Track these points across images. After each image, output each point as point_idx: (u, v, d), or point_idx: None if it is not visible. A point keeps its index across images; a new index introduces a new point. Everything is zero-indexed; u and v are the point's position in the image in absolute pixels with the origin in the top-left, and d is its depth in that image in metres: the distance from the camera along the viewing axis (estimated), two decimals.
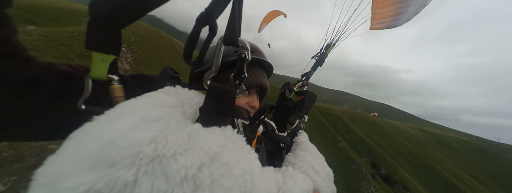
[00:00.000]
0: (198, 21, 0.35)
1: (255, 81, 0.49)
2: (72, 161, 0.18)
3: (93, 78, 0.31)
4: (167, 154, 0.20)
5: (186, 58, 0.39)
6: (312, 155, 0.47)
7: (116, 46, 0.31)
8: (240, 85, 0.39)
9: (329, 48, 0.89)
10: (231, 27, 0.34)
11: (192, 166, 0.21)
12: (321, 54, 0.88)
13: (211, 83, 0.31)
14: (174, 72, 0.45)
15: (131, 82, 0.40)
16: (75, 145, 0.20)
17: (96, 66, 0.31)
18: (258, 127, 0.40)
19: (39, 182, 0.17)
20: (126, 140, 0.19)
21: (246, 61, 0.37)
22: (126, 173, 0.18)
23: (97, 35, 0.29)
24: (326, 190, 0.40)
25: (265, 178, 0.30)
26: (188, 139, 0.23)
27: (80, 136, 0.21)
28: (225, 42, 0.36)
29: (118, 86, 0.33)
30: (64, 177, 0.17)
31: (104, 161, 0.18)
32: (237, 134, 0.29)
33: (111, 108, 0.26)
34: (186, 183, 0.20)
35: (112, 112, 0.25)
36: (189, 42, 0.37)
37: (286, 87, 0.82)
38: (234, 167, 0.25)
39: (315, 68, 0.87)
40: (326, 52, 0.88)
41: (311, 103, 0.58)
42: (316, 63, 0.87)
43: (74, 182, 0.16)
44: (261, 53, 0.53)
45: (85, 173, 0.17)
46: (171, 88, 0.34)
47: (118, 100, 0.33)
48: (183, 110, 0.31)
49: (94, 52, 0.30)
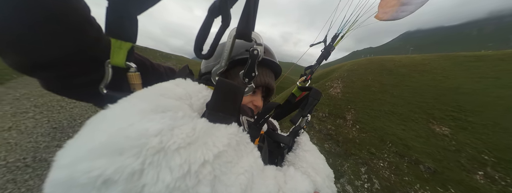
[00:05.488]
0: (211, 10, 0.33)
1: (262, 81, 0.49)
2: (88, 146, 0.19)
3: (112, 65, 0.32)
4: (172, 148, 0.20)
5: (197, 51, 0.37)
6: (313, 156, 0.47)
7: (133, 33, 0.32)
8: (250, 83, 0.38)
9: (336, 40, 0.82)
10: (245, 19, 0.32)
11: (196, 161, 0.21)
12: (327, 46, 0.80)
13: (219, 79, 0.30)
14: (190, 71, 0.46)
15: (163, 72, 0.42)
16: (90, 132, 0.21)
17: (114, 53, 0.32)
18: (263, 125, 0.40)
19: (59, 163, 0.19)
20: (135, 130, 0.20)
21: (258, 58, 0.35)
22: (134, 162, 0.19)
23: (114, 21, 0.29)
24: (326, 190, 0.40)
25: (266, 177, 0.30)
26: (193, 133, 0.23)
27: (95, 123, 0.22)
28: (237, 36, 0.34)
29: (135, 73, 0.34)
30: (80, 161, 0.18)
31: (115, 149, 0.19)
32: (242, 132, 0.29)
33: (129, 94, 0.27)
34: (189, 177, 0.20)
35: (124, 101, 0.25)
36: (201, 34, 0.35)
37: None
38: (236, 165, 0.25)
39: (320, 62, 0.81)
40: (333, 45, 0.81)
41: (315, 101, 0.55)
42: (322, 56, 0.81)
43: (88, 166, 0.18)
44: (271, 54, 0.52)
45: (97, 158, 0.18)
46: (181, 80, 0.34)
47: (136, 87, 0.34)
48: (190, 102, 0.31)
49: (112, 39, 0.31)
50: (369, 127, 5.08)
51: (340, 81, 7.65)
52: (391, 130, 4.82)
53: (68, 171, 0.18)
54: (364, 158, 4.24)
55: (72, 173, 0.18)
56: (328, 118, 5.78)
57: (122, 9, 0.29)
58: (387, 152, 4.28)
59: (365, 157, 4.27)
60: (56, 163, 0.19)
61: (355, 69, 8.76)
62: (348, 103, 6.11)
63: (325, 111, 5.99)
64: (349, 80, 7.63)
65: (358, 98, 6.28)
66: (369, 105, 5.88)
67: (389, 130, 4.82)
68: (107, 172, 0.18)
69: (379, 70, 8.34)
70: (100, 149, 0.19)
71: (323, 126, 5.53)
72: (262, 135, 0.48)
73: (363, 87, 6.97)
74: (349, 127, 5.29)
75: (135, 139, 0.19)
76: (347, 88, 7.05)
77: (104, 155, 0.18)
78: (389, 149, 4.33)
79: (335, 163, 4.48)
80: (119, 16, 0.29)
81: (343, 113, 5.72)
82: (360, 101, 6.14)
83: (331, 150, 4.86)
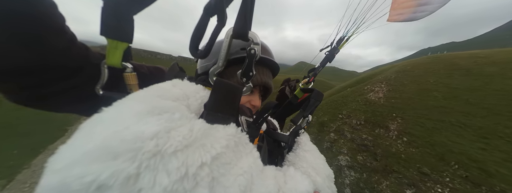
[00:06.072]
0: (206, 9, 0.33)
1: (260, 81, 0.49)
2: (81, 150, 0.19)
3: (108, 65, 0.32)
4: (169, 151, 0.20)
5: (193, 50, 0.37)
6: (313, 156, 0.46)
7: (129, 33, 0.31)
8: (247, 83, 0.39)
9: (341, 43, 0.83)
10: (242, 18, 0.32)
11: (193, 164, 0.21)
12: (332, 49, 0.82)
13: (217, 79, 0.30)
14: (180, 68, 0.46)
15: (146, 73, 0.42)
16: (84, 136, 0.21)
17: (110, 53, 0.31)
18: (262, 125, 0.40)
19: (52, 168, 0.18)
20: (130, 133, 0.20)
21: (255, 57, 0.35)
22: (129, 166, 0.18)
23: (110, 22, 0.29)
24: (327, 190, 0.40)
25: (266, 178, 0.30)
26: (190, 135, 0.23)
27: (89, 126, 0.22)
28: (234, 36, 0.34)
29: (132, 73, 0.34)
30: (73, 166, 0.18)
31: (109, 153, 0.18)
32: (240, 133, 0.29)
33: (126, 95, 0.27)
34: (186, 180, 0.20)
35: (120, 103, 0.25)
36: (196, 33, 0.35)
37: (286, 84, 0.81)
38: (235, 166, 0.25)
39: (324, 64, 0.82)
40: (338, 47, 0.82)
41: (317, 102, 0.55)
42: (326, 58, 0.82)
43: (82, 171, 0.17)
44: (269, 52, 0.51)
45: (91, 163, 0.18)
46: (178, 81, 0.34)
47: (132, 87, 0.34)
48: (188, 103, 0.30)
49: (108, 39, 0.31)
50: (422, 141, 4.02)
51: (385, 84, 6.47)
52: (460, 147, 3.62)
53: (60, 176, 0.17)
54: (412, 178, 3.38)
55: (65, 178, 0.17)
56: (363, 127, 4.99)
57: (117, 9, 0.28)
58: (451, 175, 3.23)
59: (413, 177, 3.39)
60: (48, 168, 0.18)
61: (408, 70, 7.17)
62: (393, 110, 5.07)
63: (360, 118, 5.21)
64: (398, 83, 6.32)
65: (408, 105, 5.10)
66: (426, 114, 4.66)
67: (456, 147, 3.64)
68: (102, 177, 0.17)
69: (447, 71, 6.46)
70: (94, 153, 0.18)
71: (357, 135, 4.81)
72: (262, 135, 0.47)
73: (419, 91, 5.60)
74: (392, 138, 4.36)
75: (130, 143, 0.19)
76: (393, 92, 5.88)
77: (99, 159, 0.18)
78: (454, 172, 3.26)
79: (370, 179, 3.79)
80: (114, 16, 0.29)
81: (385, 121, 4.79)
82: (411, 108, 4.97)
83: (366, 163, 4.14)
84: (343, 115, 5.76)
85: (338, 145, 4.85)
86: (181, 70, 0.45)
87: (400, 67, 7.86)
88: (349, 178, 4.04)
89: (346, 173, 4.14)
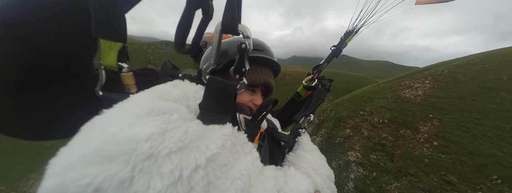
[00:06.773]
0: (189, 2, 0.31)
1: (261, 80, 0.49)
2: (78, 153, 0.19)
3: (105, 66, 0.31)
4: (162, 153, 0.20)
5: (179, 46, 0.35)
6: (313, 156, 0.46)
7: (122, 32, 0.30)
8: (241, 79, 0.38)
9: (349, 36, 0.76)
10: (229, 11, 0.31)
11: (187, 167, 0.20)
12: (339, 43, 0.76)
13: (210, 77, 0.29)
14: (173, 65, 0.44)
15: (140, 74, 0.41)
16: (83, 138, 0.21)
17: (105, 54, 0.31)
18: (261, 122, 0.39)
19: (51, 171, 0.18)
20: (126, 136, 0.19)
21: (247, 52, 0.35)
22: (123, 169, 0.18)
23: (102, 20, 0.28)
24: (327, 191, 0.40)
25: (265, 180, 0.29)
26: (185, 136, 0.22)
27: (88, 129, 0.22)
28: (223, 30, 0.33)
29: (128, 73, 0.33)
30: (71, 169, 0.18)
31: (105, 156, 0.18)
32: (237, 132, 0.28)
33: (125, 95, 0.27)
34: (180, 183, 0.20)
35: (120, 105, 0.24)
36: (180, 27, 0.33)
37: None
38: (232, 168, 0.24)
39: (330, 60, 0.77)
40: (345, 41, 0.76)
41: (319, 100, 0.54)
42: (332, 54, 0.76)
43: (79, 174, 0.17)
44: (269, 51, 0.51)
45: (88, 166, 0.18)
46: (179, 81, 0.34)
47: (130, 87, 0.33)
48: (188, 104, 0.30)
49: (102, 40, 0.30)
50: (459, 147, 3.39)
51: (430, 80, 5.38)
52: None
53: (59, 179, 0.17)
54: (429, 184, 3.02)
55: (63, 181, 0.17)
56: (386, 126, 4.50)
57: (109, 7, 0.27)
58: (487, 189, 2.71)
59: (431, 183, 3.03)
60: (48, 170, 0.18)
61: (474, 64, 5.62)
62: (431, 110, 4.30)
63: (384, 116, 4.69)
64: (450, 80, 5.14)
65: (454, 106, 4.20)
66: (478, 118, 3.77)
67: (508, 160, 2.92)
68: (97, 180, 0.17)
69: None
70: (90, 156, 0.18)
71: (376, 133, 4.42)
72: (262, 133, 0.46)
73: (478, 90, 4.46)
74: (418, 141, 3.83)
75: (125, 145, 0.19)
76: (438, 90, 4.87)
77: (95, 162, 0.18)
78: (492, 187, 2.72)
79: (379, 178, 3.59)
80: (106, 14, 0.28)
81: (415, 122, 4.17)
82: (456, 110, 4.09)
83: (379, 163, 3.87)
84: (365, 111, 5.28)
85: (351, 141, 4.61)
86: (174, 68, 0.43)
87: (465, 60, 6.22)
88: (355, 173, 3.90)
89: (353, 168, 3.99)
